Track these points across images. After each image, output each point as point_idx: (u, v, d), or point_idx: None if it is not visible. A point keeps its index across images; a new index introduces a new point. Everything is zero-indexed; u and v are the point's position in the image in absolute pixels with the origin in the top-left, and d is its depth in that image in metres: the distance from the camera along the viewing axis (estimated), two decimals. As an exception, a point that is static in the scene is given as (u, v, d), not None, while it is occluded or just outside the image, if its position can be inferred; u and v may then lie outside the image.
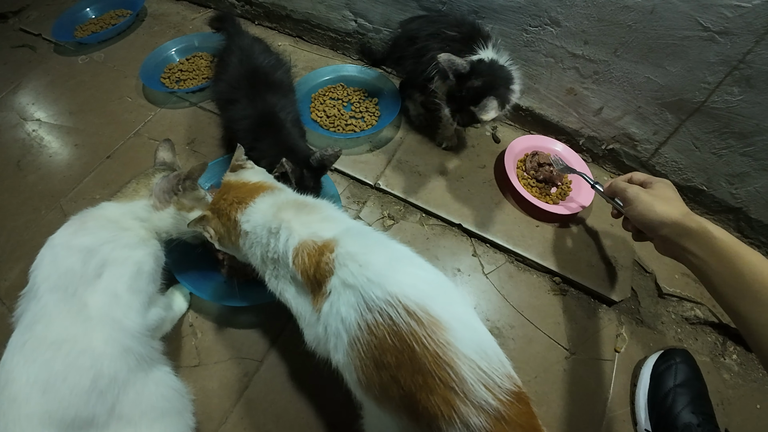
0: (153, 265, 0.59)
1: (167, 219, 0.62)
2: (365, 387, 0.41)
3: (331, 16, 1.11)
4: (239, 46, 0.78)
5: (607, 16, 0.74)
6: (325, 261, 0.45)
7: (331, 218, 0.52)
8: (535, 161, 0.91)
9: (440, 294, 0.42)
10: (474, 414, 0.36)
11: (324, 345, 0.46)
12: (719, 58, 0.69)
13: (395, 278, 0.41)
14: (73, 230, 0.56)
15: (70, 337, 0.47)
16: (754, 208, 0.82)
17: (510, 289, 0.78)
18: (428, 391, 0.37)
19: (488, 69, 0.73)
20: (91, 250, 0.53)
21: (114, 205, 0.61)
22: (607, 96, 0.85)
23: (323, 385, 0.66)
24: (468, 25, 0.79)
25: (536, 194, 0.87)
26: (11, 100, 1.10)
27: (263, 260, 0.53)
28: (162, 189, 0.62)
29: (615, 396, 0.69)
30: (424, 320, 0.38)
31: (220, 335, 0.71)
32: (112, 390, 0.47)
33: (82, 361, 0.46)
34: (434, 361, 0.37)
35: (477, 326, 0.41)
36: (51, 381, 0.44)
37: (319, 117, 0.98)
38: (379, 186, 0.89)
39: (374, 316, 0.39)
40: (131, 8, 1.28)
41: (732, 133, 0.76)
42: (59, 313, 0.48)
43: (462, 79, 0.72)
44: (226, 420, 0.63)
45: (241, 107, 0.72)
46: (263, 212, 0.52)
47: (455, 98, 0.75)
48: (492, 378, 0.37)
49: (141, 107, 1.06)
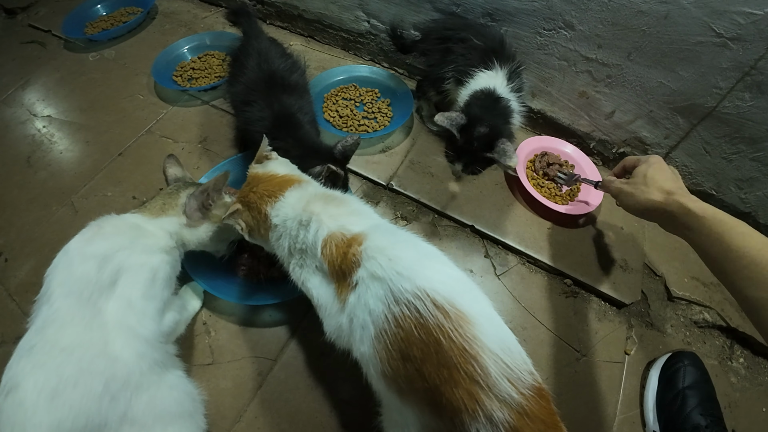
0: (169, 271, 0.60)
1: (204, 234, 0.64)
2: (390, 379, 0.41)
3: (344, 17, 1.11)
4: (257, 49, 0.79)
5: (621, 21, 0.75)
6: (353, 253, 0.46)
7: (359, 212, 0.53)
8: (544, 161, 0.91)
9: (467, 291, 0.43)
10: (498, 408, 0.36)
11: (347, 336, 0.47)
12: (731, 63, 0.69)
13: (424, 273, 0.41)
14: (90, 236, 0.55)
15: (83, 343, 0.47)
16: (763, 213, 0.83)
17: (522, 291, 0.79)
18: (453, 384, 0.37)
19: (487, 108, 0.74)
20: (106, 257, 0.53)
21: (139, 217, 0.61)
22: (619, 100, 0.86)
23: (337, 385, 0.66)
24: (497, 40, 0.80)
25: (546, 194, 0.87)
26: (20, 96, 1.10)
27: (290, 251, 0.53)
28: (193, 208, 0.63)
29: (625, 398, 0.69)
30: (452, 314, 0.38)
31: (233, 334, 0.71)
32: (125, 395, 0.46)
33: (95, 366, 0.46)
34: (460, 355, 0.37)
35: (500, 323, 0.42)
36: (60, 387, 0.43)
37: (332, 117, 0.98)
38: (391, 186, 0.90)
39: (401, 309, 0.40)
40: (142, 6, 1.29)
41: (742, 139, 0.77)
42: (72, 318, 0.48)
43: (466, 130, 0.72)
44: (240, 419, 0.63)
45: (258, 108, 0.72)
46: (293, 205, 0.53)
47: (467, 150, 0.74)
48: (515, 372, 0.38)
49: (152, 105, 1.06)
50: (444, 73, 0.84)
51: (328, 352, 0.68)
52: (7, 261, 0.80)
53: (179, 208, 0.63)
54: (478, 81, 0.78)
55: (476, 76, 0.79)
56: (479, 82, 0.78)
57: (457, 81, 0.83)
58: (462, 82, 0.81)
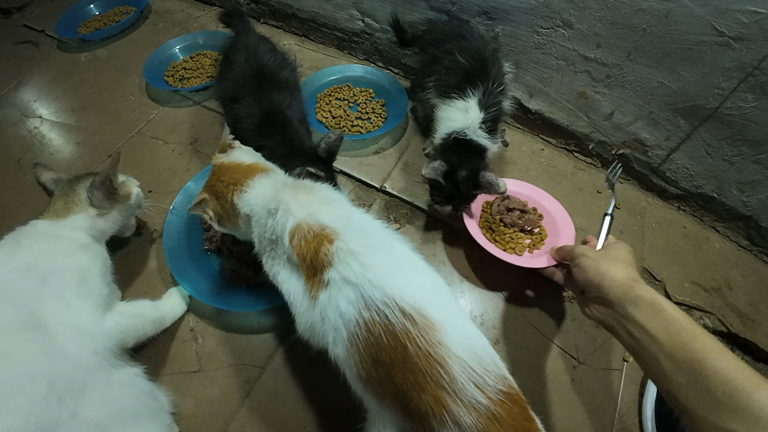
0: (100, 267, 0.59)
1: (117, 218, 0.66)
2: (365, 382, 0.42)
3: (338, 15, 1.09)
4: (245, 44, 0.77)
5: (621, 19, 0.73)
6: (324, 252, 0.46)
7: (330, 200, 0.52)
8: (503, 206, 0.81)
9: (435, 298, 0.43)
10: (465, 413, 0.36)
11: (320, 336, 0.47)
12: (734, 64, 0.67)
13: (394, 282, 0.42)
14: (8, 250, 0.55)
15: (21, 347, 0.46)
16: (765, 216, 0.81)
17: (518, 297, 0.77)
18: (420, 389, 0.37)
19: (462, 153, 0.73)
20: (30, 266, 0.52)
21: (46, 222, 0.60)
22: (618, 100, 0.84)
23: (327, 393, 0.65)
24: (481, 60, 0.77)
25: (499, 241, 0.77)
26: (13, 97, 1.09)
27: (260, 241, 0.53)
28: (100, 198, 0.63)
29: (623, 406, 0.67)
30: (419, 321, 0.39)
31: (221, 341, 0.69)
32: (71, 394, 0.45)
33: (35, 368, 0.45)
34: (426, 360, 0.38)
35: (469, 329, 0.43)
36: (6, 393, 0.42)
37: (325, 118, 0.96)
38: (385, 189, 0.88)
39: (372, 315, 0.41)
40: (135, 5, 1.27)
41: (745, 141, 0.75)
42: (8, 324, 0.47)
43: (449, 175, 0.72)
44: (226, 428, 0.62)
45: (247, 105, 0.71)
46: (261, 194, 0.53)
47: (455, 196, 0.73)
48: (482, 377, 0.38)
49: (144, 105, 1.04)
50: (425, 83, 0.83)
51: (317, 359, 0.67)
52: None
53: (84, 203, 0.63)
54: (450, 114, 0.76)
55: (451, 104, 0.76)
56: (451, 116, 0.76)
57: (438, 96, 0.81)
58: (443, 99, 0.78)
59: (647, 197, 0.93)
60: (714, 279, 0.81)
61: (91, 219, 0.62)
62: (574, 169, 0.96)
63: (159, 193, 0.86)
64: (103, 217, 0.64)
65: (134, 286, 0.75)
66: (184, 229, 0.77)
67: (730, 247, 0.87)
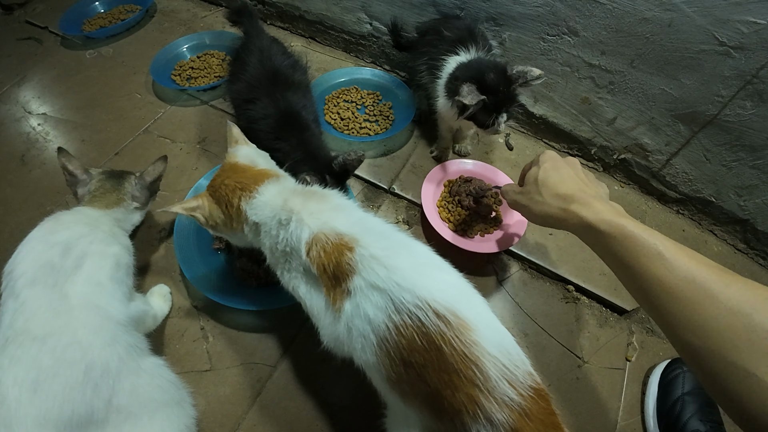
0: (129, 258, 0.61)
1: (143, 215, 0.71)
2: (394, 383, 0.42)
3: (346, 18, 1.10)
4: (258, 46, 0.78)
5: (625, 28, 0.75)
6: (347, 261, 0.44)
7: (342, 207, 0.51)
8: (464, 188, 0.82)
9: (465, 297, 0.43)
10: (497, 410, 0.37)
11: (348, 345, 0.46)
12: (734, 72, 0.70)
13: (423, 283, 0.41)
14: (50, 227, 0.56)
15: (54, 330, 0.45)
16: (761, 220, 0.83)
17: (524, 297, 0.78)
18: (454, 388, 0.38)
19: (475, 65, 0.74)
20: (69, 244, 0.53)
21: (90, 210, 0.63)
22: (621, 106, 0.86)
23: (338, 392, 0.65)
24: (465, 29, 0.80)
25: (451, 220, 0.79)
26: (16, 93, 1.08)
27: (272, 252, 0.52)
28: (145, 195, 0.69)
29: (626, 405, 0.69)
30: (453, 322, 0.39)
31: (232, 340, 0.69)
32: (107, 380, 0.46)
33: (71, 353, 0.44)
34: (461, 361, 0.38)
35: (499, 327, 0.43)
36: (41, 378, 0.42)
37: (333, 119, 0.97)
38: (393, 190, 0.89)
39: (403, 318, 0.40)
40: (141, 4, 1.27)
41: (743, 146, 0.77)
42: (40, 306, 0.47)
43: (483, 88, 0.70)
44: (238, 427, 0.62)
45: (262, 106, 0.71)
46: (269, 202, 0.51)
47: (502, 99, 0.70)
48: (514, 374, 0.38)
49: (150, 104, 1.04)
50: (419, 65, 0.84)
51: (328, 358, 0.67)
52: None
53: (129, 198, 0.67)
54: (451, 64, 0.77)
55: (447, 62, 0.77)
56: (451, 65, 0.77)
57: (430, 73, 0.82)
58: (435, 74, 0.80)
59: (647, 201, 0.95)
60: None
61: (127, 213, 0.66)
62: (577, 173, 0.98)
63: (167, 192, 0.86)
64: (138, 212, 0.68)
65: (142, 284, 0.74)
66: (194, 228, 0.77)
67: (727, 249, 0.89)
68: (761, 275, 0.86)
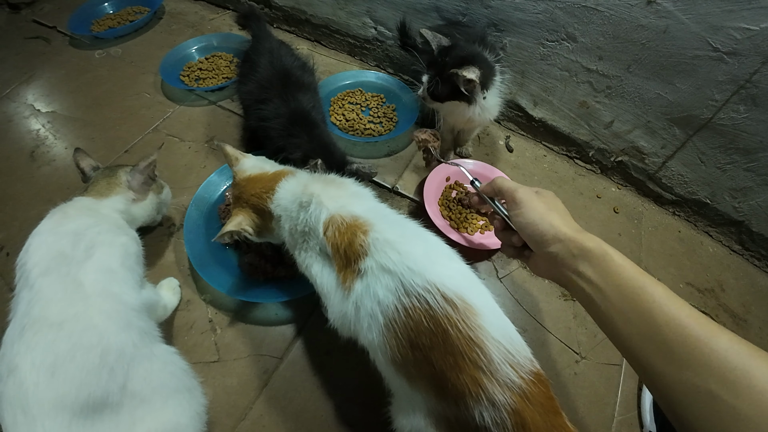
0: (137, 247, 0.62)
1: (148, 206, 0.70)
2: (399, 365, 0.43)
3: (351, 23, 1.13)
4: (268, 48, 0.80)
5: (622, 34, 0.78)
6: (360, 242, 0.47)
7: (359, 194, 0.55)
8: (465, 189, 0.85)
9: (472, 284, 0.46)
10: (499, 391, 0.38)
11: (354, 323, 0.48)
12: (727, 77, 0.72)
13: (434, 269, 0.43)
14: (58, 218, 0.57)
15: (70, 317, 0.46)
16: (755, 221, 0.85)
17: (523, 294, 0.80)
18: (458, 370, 0.39)
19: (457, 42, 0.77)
20: (78, 234, 0.54)
21: (90, 199, 0.63)
22: (618, 110, 0.88)
23: (344, 383, 0.67)
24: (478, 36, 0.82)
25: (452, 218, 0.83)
26: (24, 91, 1.10)
27: (292, 234, 0.55)
28: (140, 182, 0.68)
29: (623, 400, 0.70)
30: (459, 306, 0.41)
31: (240, 332, 0.71)
32: (122, 365, 0.46)
33: (87, 338, 0.45)
34: (466, 343, 0.39)
35: (502, 314, 0.45)
36: (58, 363, 0.43)
37: (339, 120, 0.99)
38: (397, 189, 0.91)
39: (412, 301, 0.42)
40: (149, 6, 1.29)
41: (737, 149, 0.79)
42: (55, 294, 0.48)
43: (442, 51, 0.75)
44: (245, 417, 0.63)
45: (274, 106, 0.73)
46: (291, 191, 0.55)
47: (437, 64, 0.75)
48: (516, 358, 0.40)
49: (159, 103, 1.06)
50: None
51: (334, 350, 0.69)
52: (8, 255, 0.80)
53: (123, 185, 0.67)
54: None
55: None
56: None
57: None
58: None
59: (644, 203, 0.97)
60: (708, 281, 0.85)
61: (126, 203, 0.66)
62: (575, 175, 1.00)
63: (175, 188, 0.87)
64: (137, 203, 0.68)
65: (151, 278, 0.76)
66: (203, 223, 0.78)
67: (722, 251, 0.91)
68: (756, 275, 0.88)
